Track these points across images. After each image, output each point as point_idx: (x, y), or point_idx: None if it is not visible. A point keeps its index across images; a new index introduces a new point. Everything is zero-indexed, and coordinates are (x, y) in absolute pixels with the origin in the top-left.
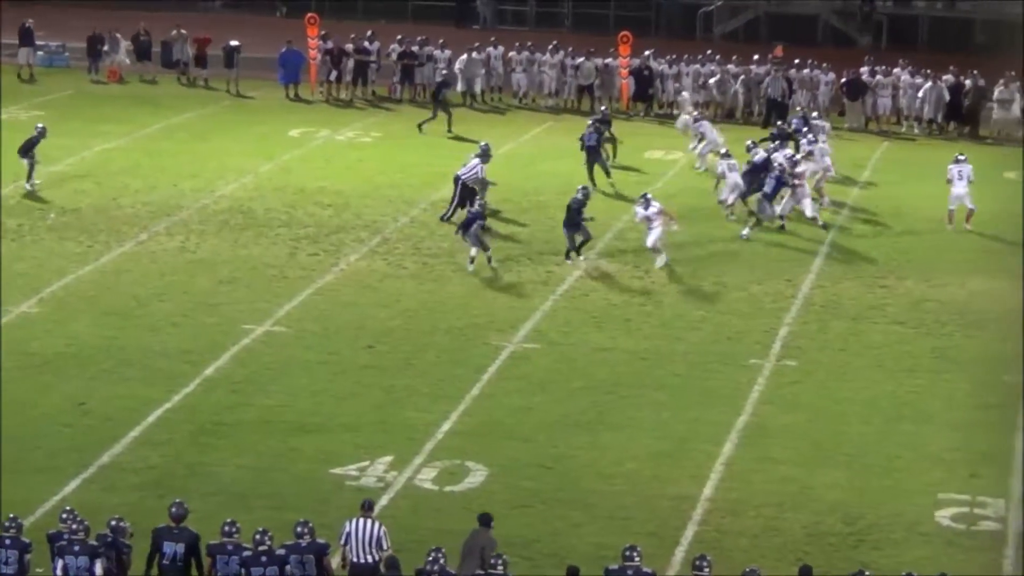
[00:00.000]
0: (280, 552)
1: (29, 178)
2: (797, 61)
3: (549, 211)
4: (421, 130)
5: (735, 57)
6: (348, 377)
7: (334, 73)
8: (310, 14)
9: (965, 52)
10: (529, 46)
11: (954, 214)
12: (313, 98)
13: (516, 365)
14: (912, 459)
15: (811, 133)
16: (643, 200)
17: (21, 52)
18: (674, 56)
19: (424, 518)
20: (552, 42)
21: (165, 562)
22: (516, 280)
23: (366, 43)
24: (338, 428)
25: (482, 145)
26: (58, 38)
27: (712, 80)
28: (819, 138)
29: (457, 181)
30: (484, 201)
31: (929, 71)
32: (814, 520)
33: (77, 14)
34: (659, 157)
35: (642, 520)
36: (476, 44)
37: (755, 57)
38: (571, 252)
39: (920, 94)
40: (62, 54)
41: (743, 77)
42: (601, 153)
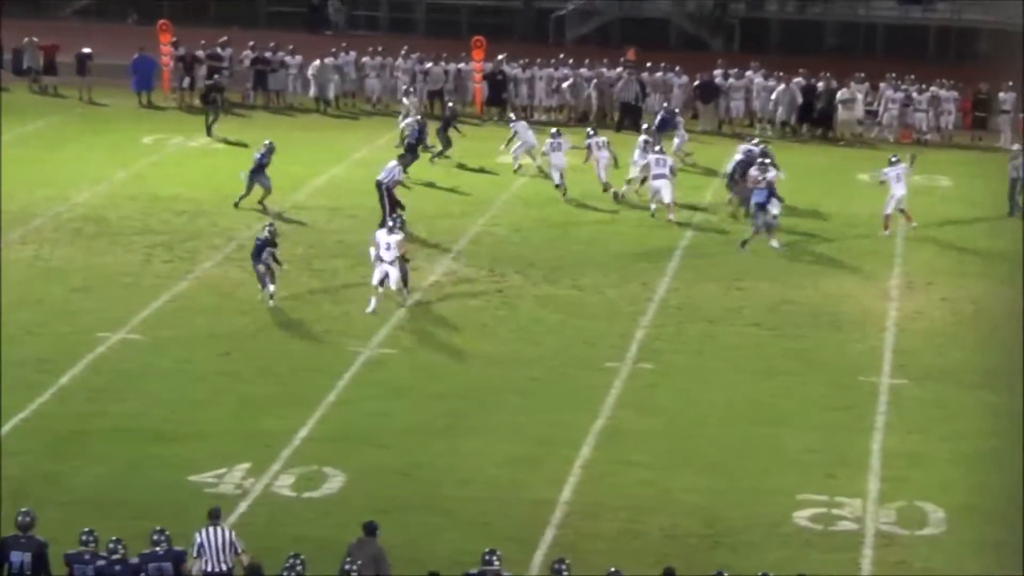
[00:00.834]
0: (134, 561)
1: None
2: (650, 64)
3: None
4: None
5: (588, 61)
6: (204, 384)
7: (187, 80)
8: (162, 21)
9: (817, 55)
10: (382, 51)
11: (890, 219)
12: (166, 105)
13: (372, 371)
14: (769, 461)
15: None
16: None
17: None
18: (527, 60)
19: (282, 525)
20: (404, 47)
21: (13, 572)
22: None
23: (218, 49)
24: (195, 436)
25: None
26: None
27: (565, 84)
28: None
29: (380, 186)
30: (273, 227)
31: (781, 74)
32: (672, 522)
33: None
34: (510, 162)
35: (501, 525)
36: (332, 49)
37: (604, 61)
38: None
39: (773, 96)
40: None
41: (596, 81)
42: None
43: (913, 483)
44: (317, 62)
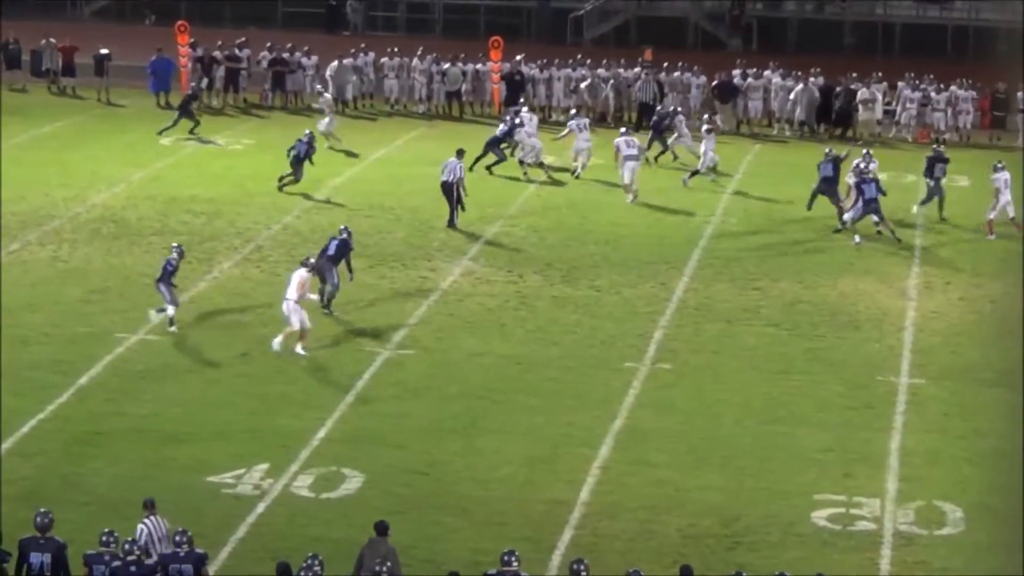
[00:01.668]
0: (150, 562)
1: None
2: (667, 64)
3: (422, 216)
4: (162, 135)
5: (605, 61)
6: (222, 385)
7: (205, 80)
8: (180, 22)
9: (834, 55)
10: (399, 52)
11: (992, 223)
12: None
13: (390, 372)
14: (787, 460)
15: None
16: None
17: None
18: (545, 61)
19: (301, 526)
20: (420, 48)
21: (33, 572)
22: (390, 286)
23: (236, 50)
24: (212, 436)
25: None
26: None
27: (583, 84)
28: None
29: (447, 187)
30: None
31: (799, 73)
32: (690, 522)
33: None
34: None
35: (518, 525)
36: (350, 50)
37: (622, 61)
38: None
39: (791, 96)
40: None
41: (613, 81)
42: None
43: (931, 482)
44: (335, 63)
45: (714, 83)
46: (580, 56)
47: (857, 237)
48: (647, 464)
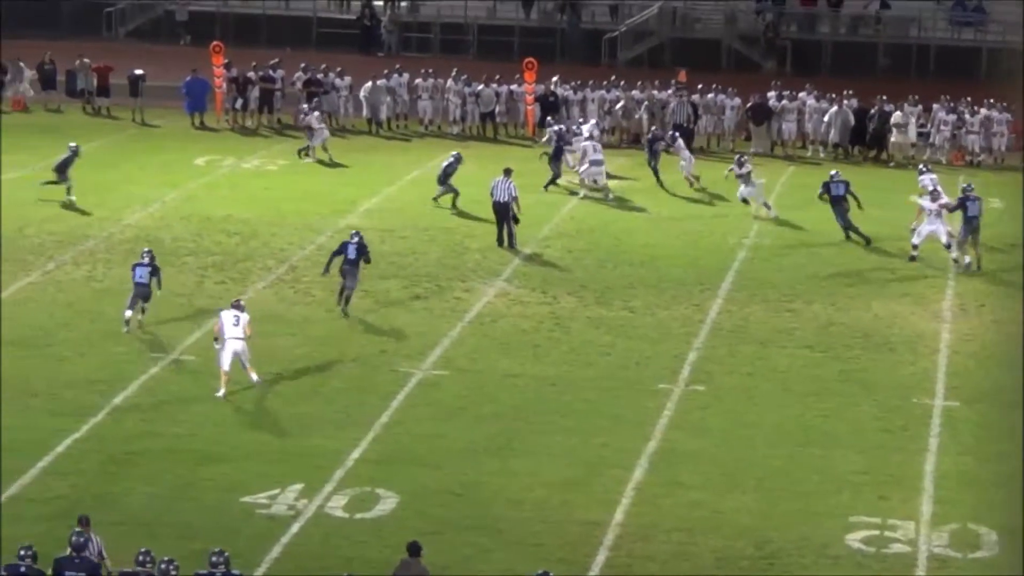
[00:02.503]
0: None
1: (68, 193)
2: (701, 86)
3: (456, 237)
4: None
5: (640, 83)
6: (256, 406)
7: (239, 101)
8: (215, 42)
9: (869, 77)
10: (433, 73)
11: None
12: (219, 126)
13: (425, 392)
14: (821, 482)
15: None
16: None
17: None
18: (579, 82)
19: (335, 546)
20: (454, 69)
21: None
22: (424, 307)
23: (271, 71)
24: (247, 457)
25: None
26: None
27: (617, 106)
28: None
29: (501, 207)
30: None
31: (834, 95)
32: (724, 544)
33: None
34: (564, 183)
35: (552, 546)
36: (384, 71)
37: (656, 82)
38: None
39: (825, 118)
40: None
41: (647, 103)
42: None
43: (966, 505)
44: (369, 83)
45: (748, 105)
46: (614, 78)
47: (967, 258)
48: (681, 486)
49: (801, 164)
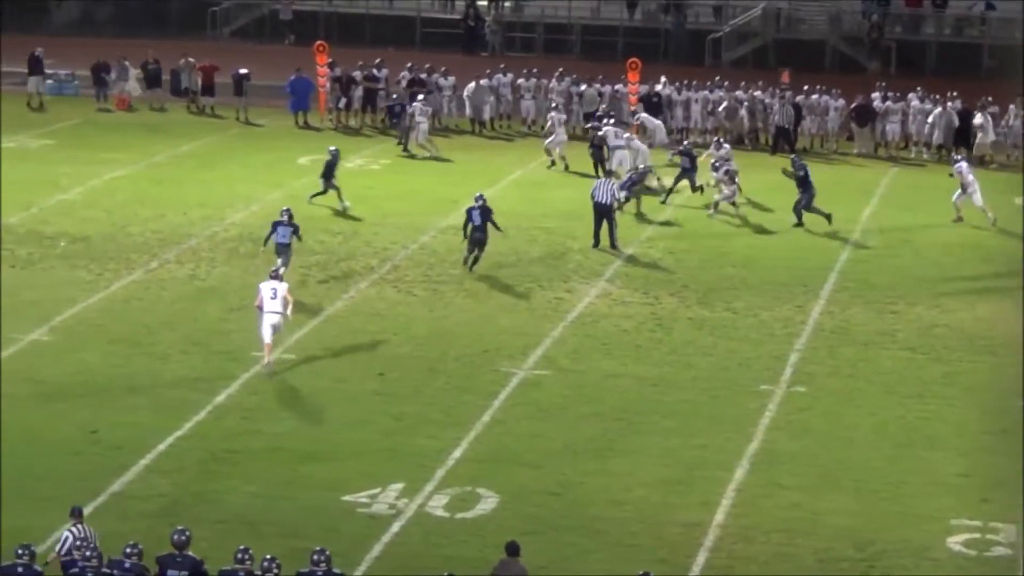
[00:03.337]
0: None
1: (341, 199)
2: (807, 88)
3: (557, 237)
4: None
5: (743, 83)
6: (358, 404)
7: (343, 100)
8: (319, 42)
9: (974, 78)
10: (537, 73)
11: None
12: (322, 125)
13: (526, 392)
14: (922, 485)
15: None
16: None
17: (31, 81)
18: (683, 82)
19: (436, 545)
20: (559, 69)
21: None
22: (526, 307)
23: (375, 70)
24: (348, 455)
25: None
26: (68, 67)
27: (720, 107)
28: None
29: (603, 208)
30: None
31: (938, 97)
32: (824, 546)
33: (87, 43)
34: (666, 183)
35: (652, 547)
36: (488, 71)
37: (759, 83)
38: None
39: (929, 120)
40: (71, 82)
41: (747, 103)
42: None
43: None
44: (472, 83)
45: (852, 106)
46: (718, 78)
47: None
48: (782, 487)
49: (904, 165)
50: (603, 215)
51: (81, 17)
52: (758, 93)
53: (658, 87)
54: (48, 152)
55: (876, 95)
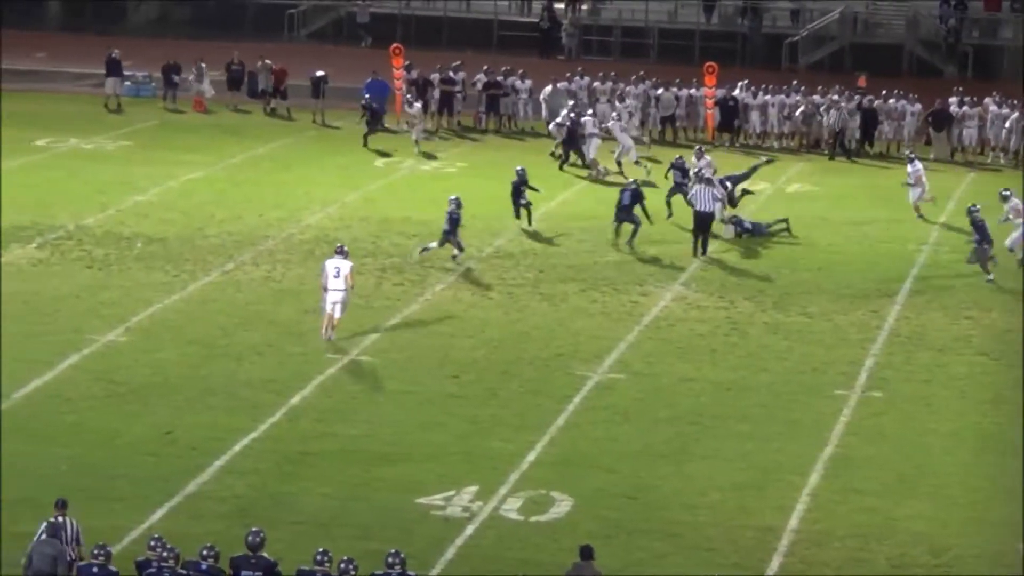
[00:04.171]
0: None
1: (530, 221)
2: (884, 92)
3: (633, 241)
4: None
5: (820, 88)
6: (432, 407)
7: (419, 103)
8: (395, 44)
9: None
10: (614, 77)
11: None
12: (398, 128)
13: (601, 395)
14: (997, 491)
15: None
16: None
17: (108, 82)
18: (761, 86)
19: (509, 549)
20: (637, 72)
21: None
22: (601, 310)
23: (451, 73)
24: (422, 458)
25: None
26: (145, 68)
27: (797, 111)
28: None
29: (704, 217)
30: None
31: (1015, 102)
32: (899, 552)
33: (164, 44)
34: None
35: (727, 551)
36: (565, 74)
37: (836, 87)
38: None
39: (1007, 125)
40: (148, 84)
41: (824, 107)
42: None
43: None
44: (549, 87)
45: (929, 111)
46: (795, 82)
47: None
48: (856, 492)
49: (981, 171)
50: (704, 224)
51: (158, 18)
52: (835, 97)
53: (735, 92)
54: (125, 154)
55: (953, 100)
